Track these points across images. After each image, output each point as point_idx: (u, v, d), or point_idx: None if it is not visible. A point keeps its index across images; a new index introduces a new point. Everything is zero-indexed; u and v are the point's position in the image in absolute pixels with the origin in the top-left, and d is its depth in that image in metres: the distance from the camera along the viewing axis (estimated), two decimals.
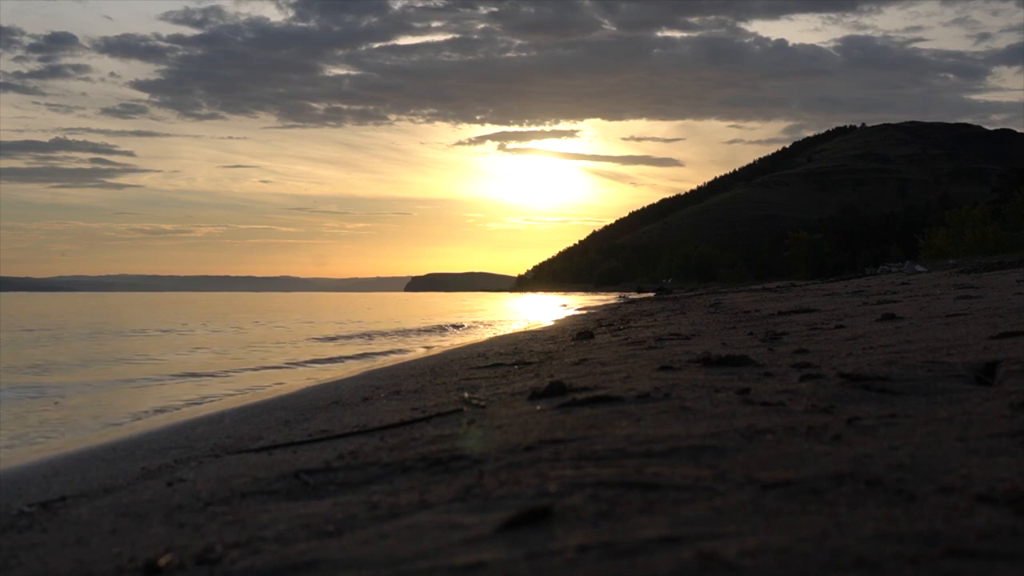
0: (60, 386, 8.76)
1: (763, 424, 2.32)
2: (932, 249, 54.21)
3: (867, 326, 6.25)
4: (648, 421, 2.51)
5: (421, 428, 3.13)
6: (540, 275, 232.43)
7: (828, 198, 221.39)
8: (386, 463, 2.38)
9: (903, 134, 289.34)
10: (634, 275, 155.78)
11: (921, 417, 2.33)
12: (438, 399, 4.23)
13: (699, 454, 2.00)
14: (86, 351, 14.55)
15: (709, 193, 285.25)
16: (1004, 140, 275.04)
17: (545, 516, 1.55)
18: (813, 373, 3.40)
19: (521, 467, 2.04)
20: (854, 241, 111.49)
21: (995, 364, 3.28)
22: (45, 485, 3.42)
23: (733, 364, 3.96)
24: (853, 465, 1.78)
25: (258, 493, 2.31)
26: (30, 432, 5.78)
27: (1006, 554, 1.20)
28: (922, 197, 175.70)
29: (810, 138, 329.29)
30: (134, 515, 2.34)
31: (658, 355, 5.10)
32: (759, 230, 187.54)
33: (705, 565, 1.22)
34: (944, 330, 5.20)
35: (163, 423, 5.70)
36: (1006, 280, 13.39)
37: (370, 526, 1.71)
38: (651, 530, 1.43)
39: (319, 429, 3.80)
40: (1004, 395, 2.61)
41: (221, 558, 1.65)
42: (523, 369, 5.52)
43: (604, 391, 3.25)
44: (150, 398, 7.75)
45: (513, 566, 1.30)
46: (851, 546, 1.26)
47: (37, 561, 2.01)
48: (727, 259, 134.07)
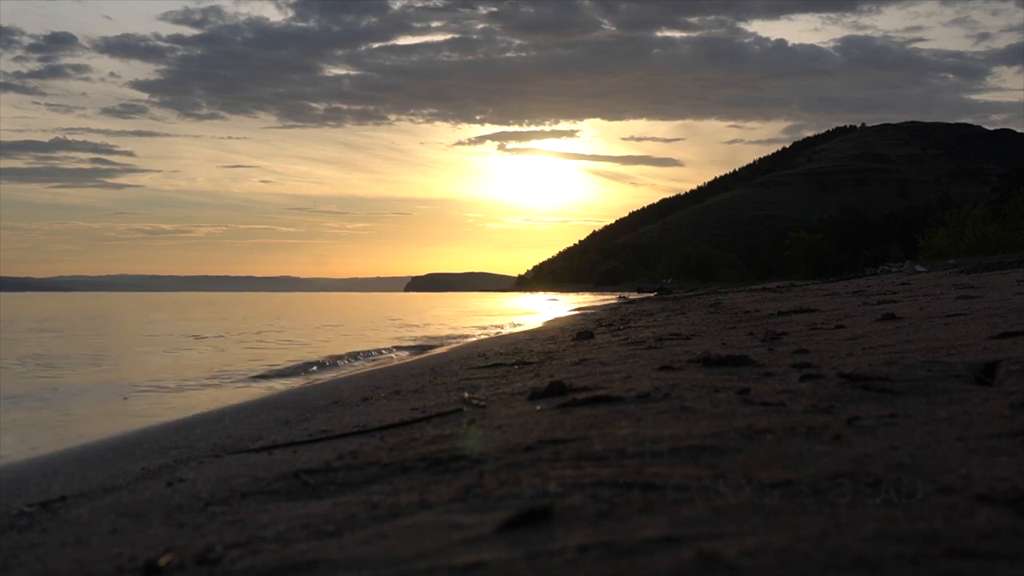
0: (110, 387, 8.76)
1: (763, 424, 2.32)
2: (932, 249, 54.21)
3: (867, 326, 6.25)
4: (648, 421, 2.51)
5: (421, 428, 3.13)
6: (540, 275, 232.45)
7: (828, 198, 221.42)
8: (386, 463, 2.38)
9: (903, 134, 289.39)
10: (634, 275, 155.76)
11: (921, 417, 2.33)
12: (438, 399, 4.23)
13: (699, 454, 2.00)
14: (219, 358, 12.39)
15: (709, 193, 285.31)
16: (1004, 140, 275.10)
17: (545, 516, 1.55)
18: (813, 373, 3.40)
19: (521, 467, 2.04)
20: (854, 241, 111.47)
21: (995, 364, 3.28)
22: (45, 485, 3.42)
23: (733, 364, 3.96)
24: (853, 465, 1.78)
25: (258, 493, 2.31)
26: (31, 433, 5.78)
27: (1006, 554, 1.20)
28: (922, 197, 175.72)
29: (810, 138, 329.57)
30: (134, 515, 2.34)
31: (658, 355, 5.10)
32: (759, 230, 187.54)
33: (705, 565, 1.22)
34: (944, 330, 5.20)
35: (163, 423, 5.70)
36: (1006, 280, 13.39)
37: (370, 526, 1.71)
38: (651, 530, 1.43)
39: (319, 429, 3.80)
40: (1004, 395, 2.61)
41: (221, 558, 1.65)
42: (523, 369, 5.52)
43: (604, 391, 3.25)
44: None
45: (513, 566, 1.30)
46: (851, 546, 1.26)
47: (37, 561, 2.01)
48: (727, 259, 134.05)
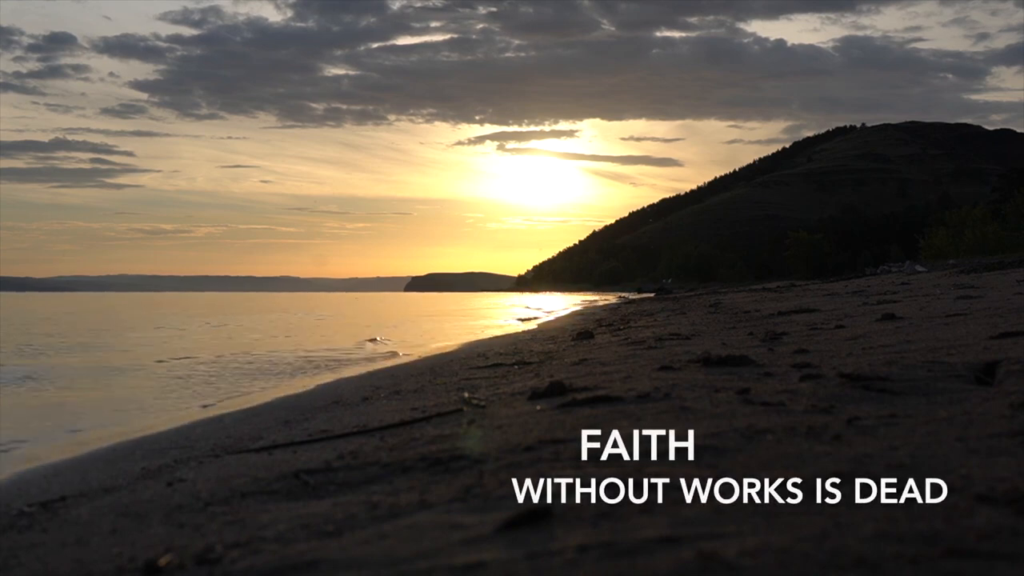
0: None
1: (763, 424, 2.32)
2: (932, 249, 54.20)
3: (867, 326, 6.25)
4: (648, 421, 2.51)
5: (421, 428, 3.13)
6: (540, 275, 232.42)
7: (828, 198, 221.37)
8: (386, 463, 2.38)
9: (903, 134, 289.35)
10: (634, 275, 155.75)
11: (921, 417, 2.33)
12: (438, 399, 4.23)
13: (699, 454, 2.00)
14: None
15: (709, 193, 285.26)
16: (1004, 140, 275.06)
17: (545, 516, 1.55)
18: (813, 373, 3.40)
19: (521, 467, 2.04)
20: (854, 241, 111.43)
21: (995, 364, 3.28)
22: (45, 485, 3.42)
23: (733, 364, 3.96)
24: (853, 465, 1.78)
25: (258, 493, 2.31)
26: (33, 432, 5.77)
27: (1006, 554, 1.20)
28: (922, 197, 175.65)
29: (810, 138, 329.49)
30: (134, 515, 2.34)
31: (658, 355, 5.10)
32: (759, 230, 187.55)
33: (705, 565, 1.22)
34: (944, 330, 5.20)
35: (163, 423, 5.70)
36: (1006, 280, 13.39)
37: (370, 526, 1.71)
38: (651, 530, 1.43)
39: (319, 429, 3.79)
40: (1004, 395, 2.61)
41: (221, 558, 1.65)
42: (523, 369, 5.51)
43: (604, 391, 3.25)
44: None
45: (513, 566, 1.30)
46: (851, 546, 1.26)
47: (37, 561, 2.01)
48: (727, 259, 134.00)
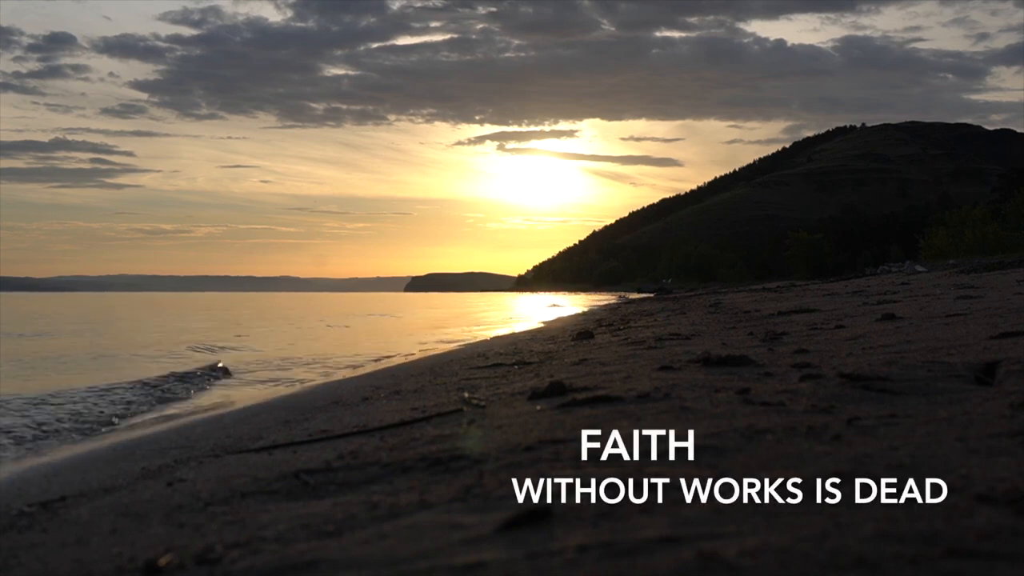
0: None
1: (763, 424, 2.32)
2: (932, 249, 54.22)
3: (867, 326, 6.24)
4: (648, 421, 2.51)
5: (421, 428, 3.13)
6: (540, 275, 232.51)
7: (828, 198, 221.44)
8: (386, 463, 2.38)
9: (903, 134, 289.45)
10: (634, 275, 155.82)
11: (921, 417, 2.33)
12: (438, 399, 4.23)
13: (699, 454, 2.00)
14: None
15: (709, 193, 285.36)
16: (1004, 140, 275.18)
17: (545, 516, 1.55)
18: (813, 373, 3.40)
19: (521, 467, 2.04)
20: (854, 241, 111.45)
21: (995, 364, 3.28)
22: (45, 485, 3.42)
23: (733, 364, 3.96)
24: (853, 465, 1.78)
25: (258, 493, 2.31)
26: (33, 432, 5.77)
27: (1006, 554, 1.20)
28: (922, 197, 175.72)
29: (810, 138, 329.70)
30: (134, 515, 2.34)
31: (658, 355, 5.10)
32: (759, 230, 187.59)
33: (705, 565, 1.22)
34: (944, 330, 5.20)
35: (163, 423, 5.70)
36: (1006, 280, 13.39)
37: (370, 526, 1.71)
38: (651, 530, 1.42)
39: (319, 429, 3.79)
40: (1004, 395, 2.61)
41: (221, 558, 1.65)
42: (523, 369, 5.51)
43: (604, 391, 3.25)
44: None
45: (513, 566, 1.30)
46: (851, 546, 1.26)
47: (37, 561, 2.01)
48: (727, 259, 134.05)
